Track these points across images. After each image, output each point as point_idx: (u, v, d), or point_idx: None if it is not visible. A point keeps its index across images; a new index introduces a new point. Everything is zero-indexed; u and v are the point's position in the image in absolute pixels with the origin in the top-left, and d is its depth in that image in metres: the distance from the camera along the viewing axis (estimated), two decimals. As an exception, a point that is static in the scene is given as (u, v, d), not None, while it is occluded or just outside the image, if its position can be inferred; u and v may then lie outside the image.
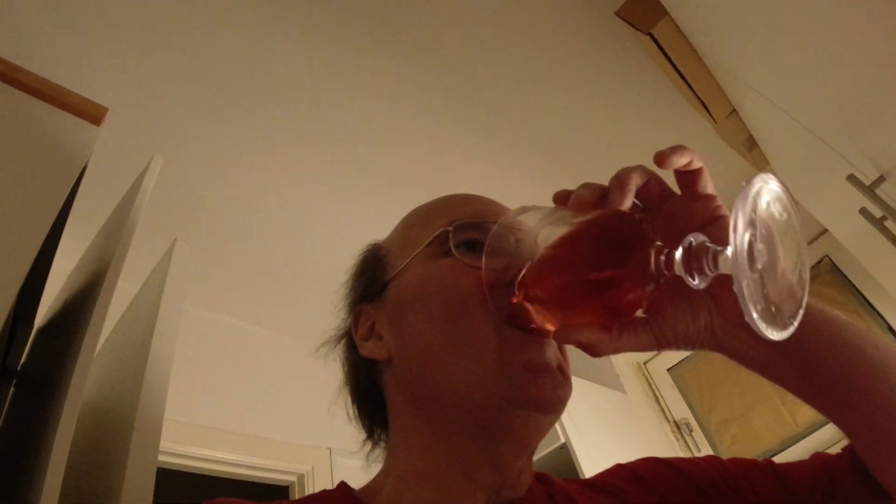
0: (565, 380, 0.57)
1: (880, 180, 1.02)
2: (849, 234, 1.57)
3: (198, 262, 2.19)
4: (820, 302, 0.50)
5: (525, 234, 0.51)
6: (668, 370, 2.95)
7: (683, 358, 2.89)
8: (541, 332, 0.54)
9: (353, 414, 0.69)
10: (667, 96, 2.01)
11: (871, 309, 2.41)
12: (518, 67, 1.91)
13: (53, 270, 1.11)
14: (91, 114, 1.00)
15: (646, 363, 3.03)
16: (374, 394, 0.66)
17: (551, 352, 0.57)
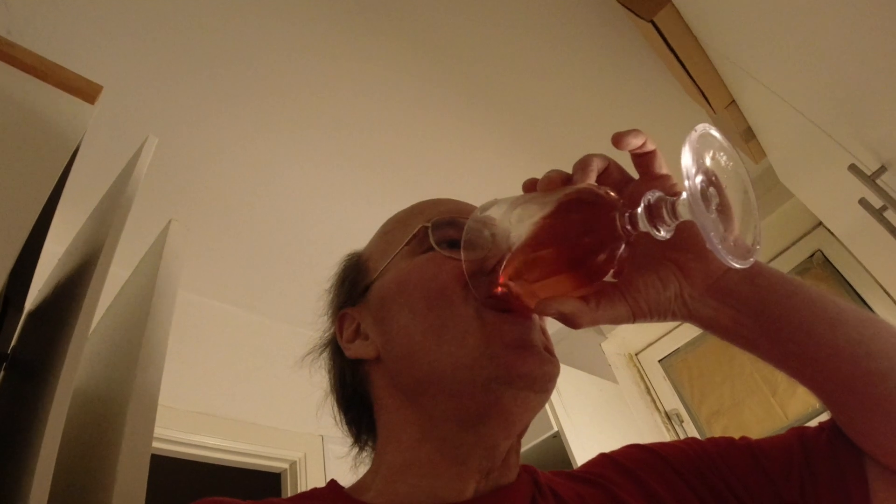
0: (551, 357, 0.58)
1: (881, 170, 1.02)
2: (844, 226, 1.57)
3: (192, 246, 2.17)
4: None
5: (497, 226, 0.54)
6: (660, 361, 2.96)
7: (675, 349, 2.90)
8: (523, 312, 0.57)
9: (340, 419, 0.71)
10: (665, 86, 2.01)
11: (862, 304, 2.41)
12: (516, 55, 1.89)
13: (44, 253, 1.09)
14: (85, 91, 0.98)
15: (637, 354, 3.04)
16: (361, 396, 0.67)
17: (535, 332, 0.58)
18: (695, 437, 0.68)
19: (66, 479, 0.78)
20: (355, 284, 0.69)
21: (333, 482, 0.64)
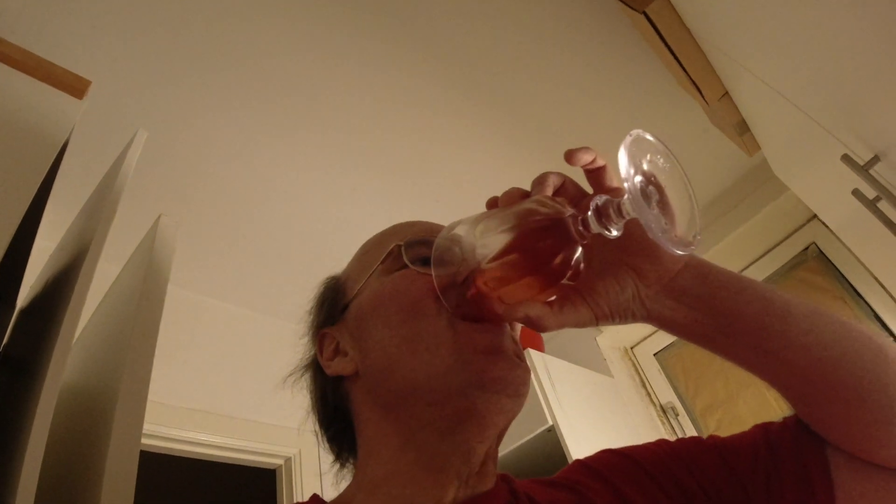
0: (522, 362, 0.61)
1: (874, 160, 1.02)
2: (839, 218, 1.57)
3: (187, 242, 2.17)
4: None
5: (464, 241, 0.57)
6: (655, 355, 2.97)
7: (670, 343, 2.91)
8: (493, 321, 0.60)
9: (322, 437, 0.74)
10: (659, 80, 2.01)
11: (857, 296, 2.41)
12: (513, 53, 1.90)
13: (35, 249, 1.08)
14: (73, 86, 0.97)
15: (632, 348, 3.05)
16: (342, 414, 0.70)
17: (507, 339, 0.61)
18: (665, 438, 0.70)
19: (57, 475, 0.78)
20: (334, 305, 0.72)
21: (316, 496, 0.66)
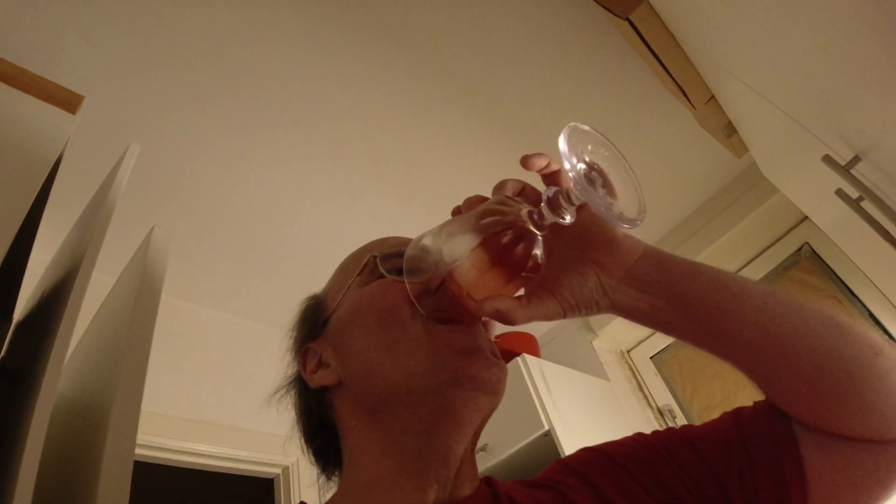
0: (498, 360, 0.64)
1: (855, 160, 1.03)
2: (827, 218, 1.58)
3: (178, 252, 2.17)
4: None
5: (432, 249, 0.60)
6: (651, 358, 2.98)
7: (666, 346, 2.92)
8: (467, 321, 0.63)
9: (307, 450, 0.75)
10: (645, 83, 2.02)
11: (851, 296, 2.43)
12: (496, 53, 1.91)
13: (31, 263, 1.09)
14: (67, 101, 0.99)
15: (629, 351, 3.06)
16: (327, 426, 0.71)
17: (481, 339, 0.64)
18: (641, 431, 0.71)
19: (53, 487, 0.79)
20: (315, 320, 0.74)
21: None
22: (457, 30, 1.82)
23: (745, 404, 0.65)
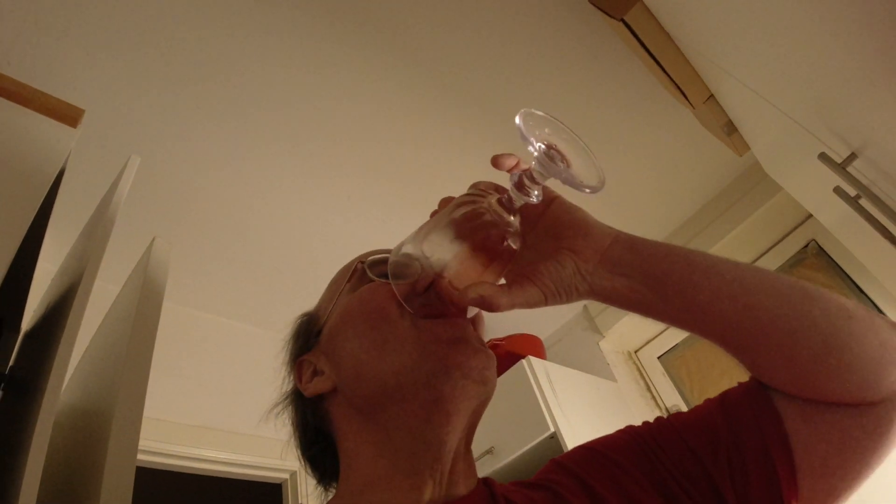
0: (485, 348, 0.66)
1: (852, 157, 1.02)
2: (831, 216, 1.57)
3: (180, 259, 2.19)
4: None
5: (413, 252, 0.62)
6: (659, 358, 2.96)
7: (673, 346, 2.91)
8: (454, 315, 0.64)
9: (304, 461, 0.77)
10: (645, 85, 2.02)
11: (859, 292, 2.41)
12: (494, 59, 1.91)
13: (37, 274, 1.11)
14: (68, 115, 1.00)
15: (636, 352, 3.04)
16: (324, 435, 0.73)
17: (468, 329, 0.66)
18: (632, 424, 0.72)
19: (57, 494, 0.80)
20: (309, 333, 0.76)
21: None
22: (460, 42, 1.83)
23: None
